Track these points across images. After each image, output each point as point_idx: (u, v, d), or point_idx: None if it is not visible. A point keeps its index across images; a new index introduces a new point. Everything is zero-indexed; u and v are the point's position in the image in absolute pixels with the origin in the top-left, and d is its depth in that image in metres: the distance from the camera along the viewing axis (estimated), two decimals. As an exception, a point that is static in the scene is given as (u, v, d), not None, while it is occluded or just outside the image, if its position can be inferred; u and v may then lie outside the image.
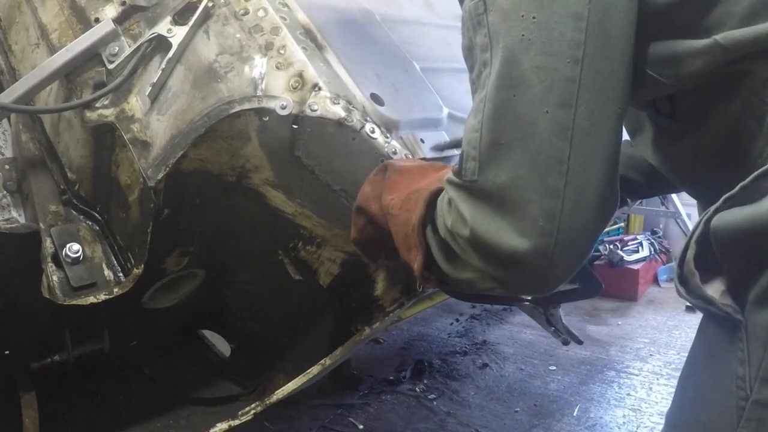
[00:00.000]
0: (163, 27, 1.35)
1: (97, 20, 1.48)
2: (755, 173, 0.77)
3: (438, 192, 0.97)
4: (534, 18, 0.81)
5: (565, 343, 2.27)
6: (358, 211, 1.14)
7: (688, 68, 0.84)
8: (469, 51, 0.92)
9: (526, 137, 0.81)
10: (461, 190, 0.87)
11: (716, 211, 0.78)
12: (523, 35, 0.82)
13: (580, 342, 2.23)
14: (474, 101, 0.88)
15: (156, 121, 1.34)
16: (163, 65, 1.33)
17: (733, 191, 0.77)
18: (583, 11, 0.80)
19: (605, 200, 0.82)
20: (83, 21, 1.52)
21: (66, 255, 1.44)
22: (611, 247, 4.48)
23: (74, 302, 1.40)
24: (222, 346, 1.96)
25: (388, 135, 1.27)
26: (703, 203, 0.97)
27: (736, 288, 0.77)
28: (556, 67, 0.80)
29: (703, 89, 0.87)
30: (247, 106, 1.25)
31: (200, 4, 1.32)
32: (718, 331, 0.80)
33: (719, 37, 0.80)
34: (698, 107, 0.89)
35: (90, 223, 1.56)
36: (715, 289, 0.79)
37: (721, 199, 0.78)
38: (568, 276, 0.85)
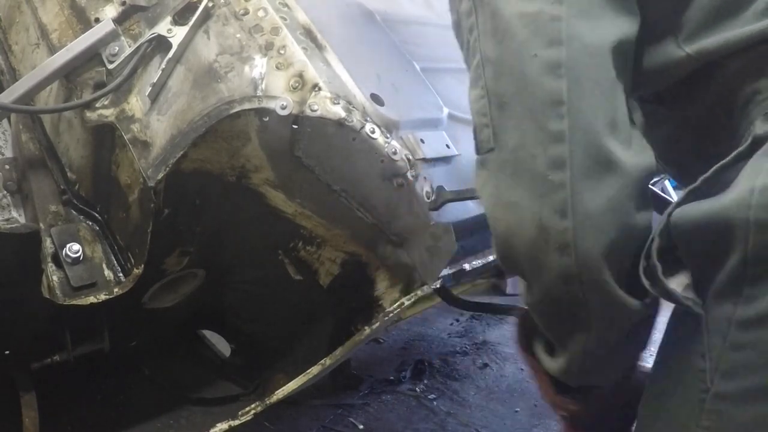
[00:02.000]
0: (163, 27, 1.35)
1: (97, 20, 1.48)
2: (716, 166, 0.76)
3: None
4: None
5: None
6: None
7: (668, 76, 0.84)
8: (457, 26, 0.91)
9: (521, 87, 0.78)
10: (483, 169, 0.84)
11: (678, 205, 0.77)
12: None
13: None
14: (471, 72, 0.86)
15: (156, 121, 1.34)
16: (163, 65, 1.33)
17: (695, 184, 0.76)
18: None
19: (617, 129, 0.77)
20: (83, 21, 1.52)
21: (66, 255, 1.44)
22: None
23: (74, 302, 1.40)
24: (222, 346, 1.96)
25: (388, 135, 1.27)
26: None
27: (698, 282, 0.77)
28: (539, 8, 0.78)
29: (685, 82, 0.87)
30: (247, 106, 1.25)
31: (200, 4, 1.32)
32: (682, 324, 0.81)
33: (690, 50, 0.80)
34: (680, 95, 0.89)
35: (90, 223, 1.56)
36: (679, 283, 0.78)
37: (684, 192, 0.77)
38: (600, 250, 0.78)
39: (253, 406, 1.52)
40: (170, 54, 1.32)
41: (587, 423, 1.02)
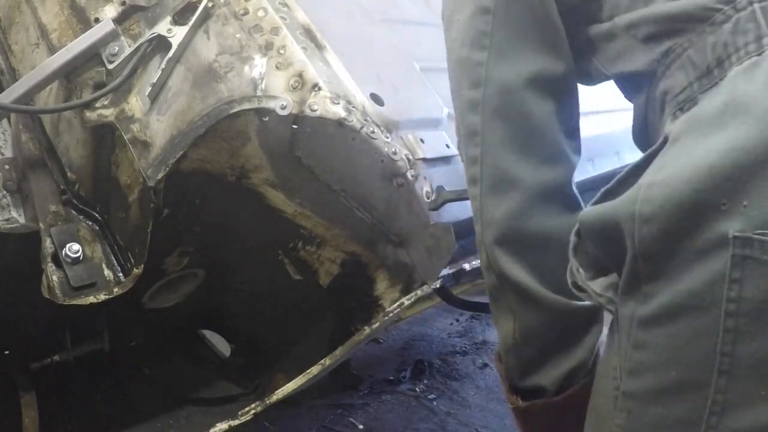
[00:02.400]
0: (163, 27, 1.35)
1: (97, 20, 1.48)
2: (629, 166, 0.78)
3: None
4: (457, 18, 0.97)
5: None
6: None
7: (605, 54, 0.90)
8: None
9: (458, 123, 1.00)
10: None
11: (590, 204, 0.79)
12: (453, 37, 0.98)
13: None
14: None
15: (156, 121, 1.34)
16: (162, 65, 1.33)
17: (610, 184, 0.78)
18: (490, 5, 0.93)
19: (526, 151, 0.92)
20: (83, 21, 1.52)
21: (66, 255, 1.44)
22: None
23: (74, 302, 1.40)
24: (222, 346, 1.96)
25: (388, 135, 1.27)
26: None
27: (614, 280, 0.78)
28: (467, 55, 0.95)
29: (625, 82, 0.93)
30: (247, 106, 1.25)
31: (200, 4, 1.32)
32: (611, 322, 0.82)
33: (617, 19, 0.85)
34: (627, 98, 0.96)
35: (90, 223, 1.56)
36: (603, 282, 0.79)
37: (600, 192, 0.79)
38: (501, 243, 0.94)
39: (253, 406, 1.52)
40: (170, 54, 1.32)
41: (534, 426, 1.03)
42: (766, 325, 0.65)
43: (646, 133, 0.90)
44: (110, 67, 1.42)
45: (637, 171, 0.76)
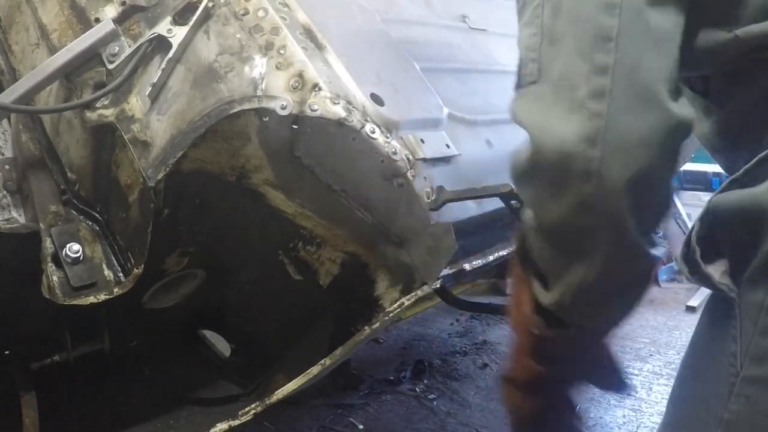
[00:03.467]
0: (163, 27, 1.35)
1: (97, 20, 1.48)
2: (758, 157, 0.78)
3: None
4: None
5: None
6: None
7: (717, 58, 0.85)
8: None
9: (575, 21, 0.79)
10: (522, 98, 0.85)
11: (719, 192, 0.79)
12: None
13: None
14: (527, 13, 0.86)
15: (156, 121, 1.34)
16: (163, 65, 1.33)
17: (737, 174, 0.78)
18: None
19: (661, 85, 0.77)
20: (83, 21, 1.52)
21: (66, 255, 1.44)
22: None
23: (74, 302, 1.40)
24: (222, 346, 1.96)
25: (388, 135, 1.27)
26: None
27: (734, 267, 0.79)
28: None
29: (732, 74, 0.88)
30: (247, 106, 1.25)
31: (200, 4, 1.32)
32: (717, 309, 0.82)
33: (739, 32, 0.81)
34: (726, 89, 0.90)
35: (90, 223, 1.56)
36: (716, 269, 0.80)
37: (727, 181, 0.79)
38: (625, 179, 0.77)
39: (253, 406, 1.52)
40: (170, 54, 1.32)
41: (545, 354, 0.98)
42: None
43: (750, 128, 0.87)
44: (110, 67, 1.42)
45: (765, 161, 0.77)
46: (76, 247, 1.45)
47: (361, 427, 2.71)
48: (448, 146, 1.43)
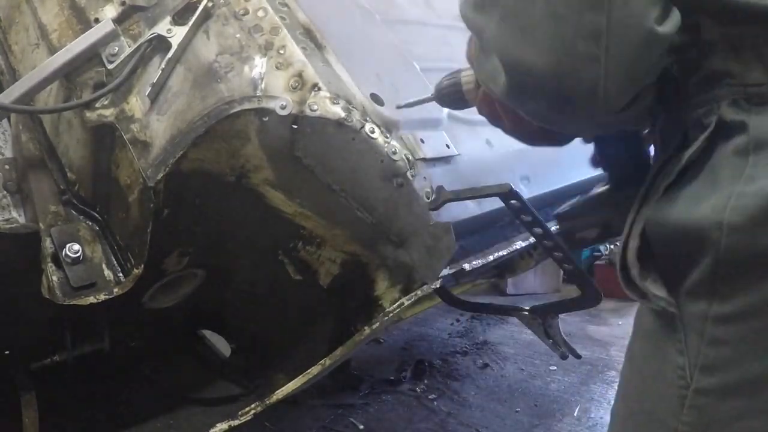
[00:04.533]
0: (162, 27, 1.35)
1: (96, 20, 1.48)
2: (685, 157, 0.77)
3: None
4: None
5: (563, 357, 2.26)
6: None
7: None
8: None
9: None
10: (483, 7, 0.80)
11: (655, 203, 0.79)
12: None
13: (578, 356, 2.22)
14: None
15: (156, 121, 1.34)
16: (162, 65, 1.33)
17: (671, 178, 0.78)
18: None
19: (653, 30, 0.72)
20: (83, 21, 1.52)
21: (66, 255, 1.44)
22: (612, 247, 4.48)
23: (74, 302, 1.40)
24: (222, 346, 1.96)
25: (388, 135, 1.27)
26: None
27: (670, 281, 0.79)
28: None
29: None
30: (246, 106, 1.25)
31: (200, 4, 1.32)
32: (656, 323, 0.82)
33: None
34: None
35: (90, 223, 1.56)
36: (651, 282, 0.80)
37: (662, 188, 0.79)
38: (627, 78, 0.74)
39: (253, 406, 1.52)
40: (170, 54, 1.32)
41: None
42: None
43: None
44: (110, 67, 1.42)
45: (690, 158, 0.76)
46: (76, 247, 1.45)
47: (361, 427, 2.71)
48: (448, 146, 1.43)
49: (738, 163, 0.72)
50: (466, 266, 1.44)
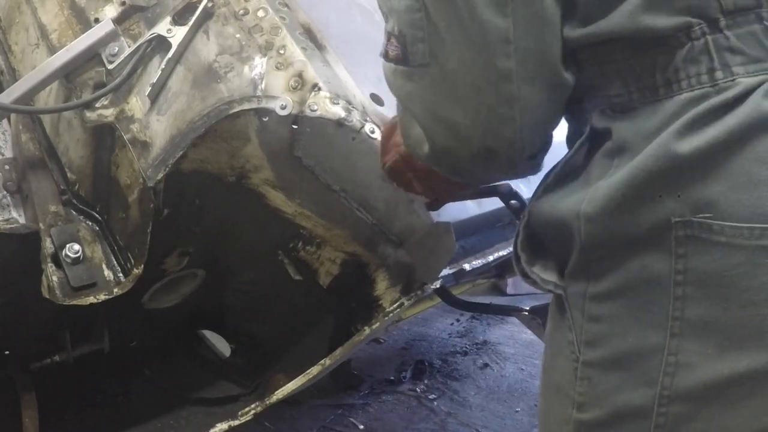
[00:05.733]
0: (162, 27, 1.35)
1: (96, 20, 1.48)
2: (563, 160, 0.87)
3: None
4: None
5: None
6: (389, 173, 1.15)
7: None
8: None
9: (466, 18, 0.77)
10: (411, 79, 0.86)
11: (536, 198, 0.88)
12: None
13: None
14: None
15: (156, 121, 1.34)
16: (162, 65, 1.33)
17: (548, 180, 0.87)
18: None
19: (561, 76, 0.82)
20: (83, 21, 1.52)
21: (66, 255, 1.44)
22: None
23: (74, 302, 1.40)
24: (222, 346, 1.96)
25: (388, 135, 1.27)
26: None
27: (558, 266, 0.87)
28: None
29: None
30: (246, 106, 1.25)
31: (200, 4, 1.32)
32: (554, 305, 0.90)
33: (574, 34, 0.83)
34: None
35: (90, 223, 1.56)
36: (541, 267, 0.89)
37: (541, 187, 0.88)
38: (534, 152, 0.87)
39: (253, 406, 1.52)
40: (170, 54, 1.32)
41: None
42: (709, 291, 0.75)
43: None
44: (110, 67, 1.42)
45: (569, 162, 0.86)
46: (76, 247, 1.45)
47: (361, 427, 2.71)
48: (448, 146, 1.43)
49: (605, 164, 0.81)
50: (466, 266, 1.45)
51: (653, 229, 0.76)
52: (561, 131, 0.92)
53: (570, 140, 0.92)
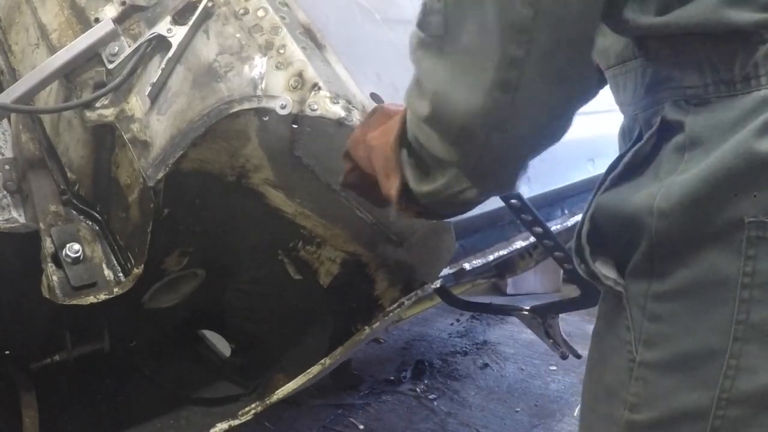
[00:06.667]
0: (162, 27, 1.35)
1: (96, 20, 1.48)
2: (632, 150, 0.84)
3: None
4: None
5: (563, 357, 2.26)
6: (345, 156, 1.09)
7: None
8: None
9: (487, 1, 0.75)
10: (427, 49, 0.84)
11: (604, 190, 0.86)
12: None
13: (578, 356, 2.22)
14: None
15: (156, 121, 1.34)
16: (162, 65, 1.33)
17: (618, 170, 0.85)
18: None
19: (570, 74, 0.80)
20: (83, 21, 1.52)
21: (66, 255, 1.44)
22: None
23: (74, 302, 1.40)
24: (222, 346, 1.96)
25: (388, 135, 1.27)
26: None
27: (620, 262, 0.85)
28: None
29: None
30: (246, 105, 1.25)
31: (200, 3, 1.32)
32: (610, 303, 0.88)
33: (643, 21, 0.82)
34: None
35: (90, 223, 1.56)
36: (602, 265, 0.87)
37: (610, 178, 0.86)
38: (524, 156, 0.85)
39: (253, 406, 1.52)
40: (170, 54, 1.32)
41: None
42: None
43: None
44: (110, 67, 1.42)
45: (638, 153, 0.84)
46: (76, 247, 1.45)
47: (361, 427, 2.71)
48: (448, 146, 1.43)
49: (676, 158, 0.79)
50: (466, 266, 1.44)
51: (725, 228, 0.75)
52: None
53: (624, 133, 0.91)
